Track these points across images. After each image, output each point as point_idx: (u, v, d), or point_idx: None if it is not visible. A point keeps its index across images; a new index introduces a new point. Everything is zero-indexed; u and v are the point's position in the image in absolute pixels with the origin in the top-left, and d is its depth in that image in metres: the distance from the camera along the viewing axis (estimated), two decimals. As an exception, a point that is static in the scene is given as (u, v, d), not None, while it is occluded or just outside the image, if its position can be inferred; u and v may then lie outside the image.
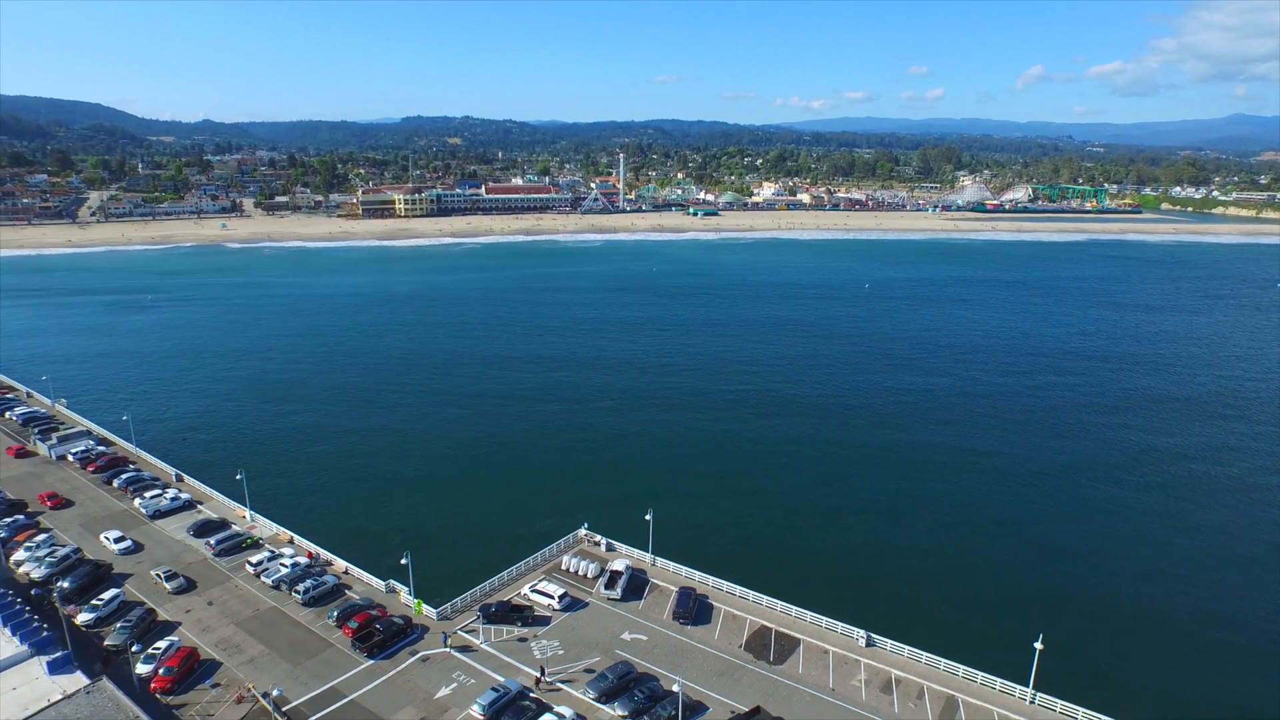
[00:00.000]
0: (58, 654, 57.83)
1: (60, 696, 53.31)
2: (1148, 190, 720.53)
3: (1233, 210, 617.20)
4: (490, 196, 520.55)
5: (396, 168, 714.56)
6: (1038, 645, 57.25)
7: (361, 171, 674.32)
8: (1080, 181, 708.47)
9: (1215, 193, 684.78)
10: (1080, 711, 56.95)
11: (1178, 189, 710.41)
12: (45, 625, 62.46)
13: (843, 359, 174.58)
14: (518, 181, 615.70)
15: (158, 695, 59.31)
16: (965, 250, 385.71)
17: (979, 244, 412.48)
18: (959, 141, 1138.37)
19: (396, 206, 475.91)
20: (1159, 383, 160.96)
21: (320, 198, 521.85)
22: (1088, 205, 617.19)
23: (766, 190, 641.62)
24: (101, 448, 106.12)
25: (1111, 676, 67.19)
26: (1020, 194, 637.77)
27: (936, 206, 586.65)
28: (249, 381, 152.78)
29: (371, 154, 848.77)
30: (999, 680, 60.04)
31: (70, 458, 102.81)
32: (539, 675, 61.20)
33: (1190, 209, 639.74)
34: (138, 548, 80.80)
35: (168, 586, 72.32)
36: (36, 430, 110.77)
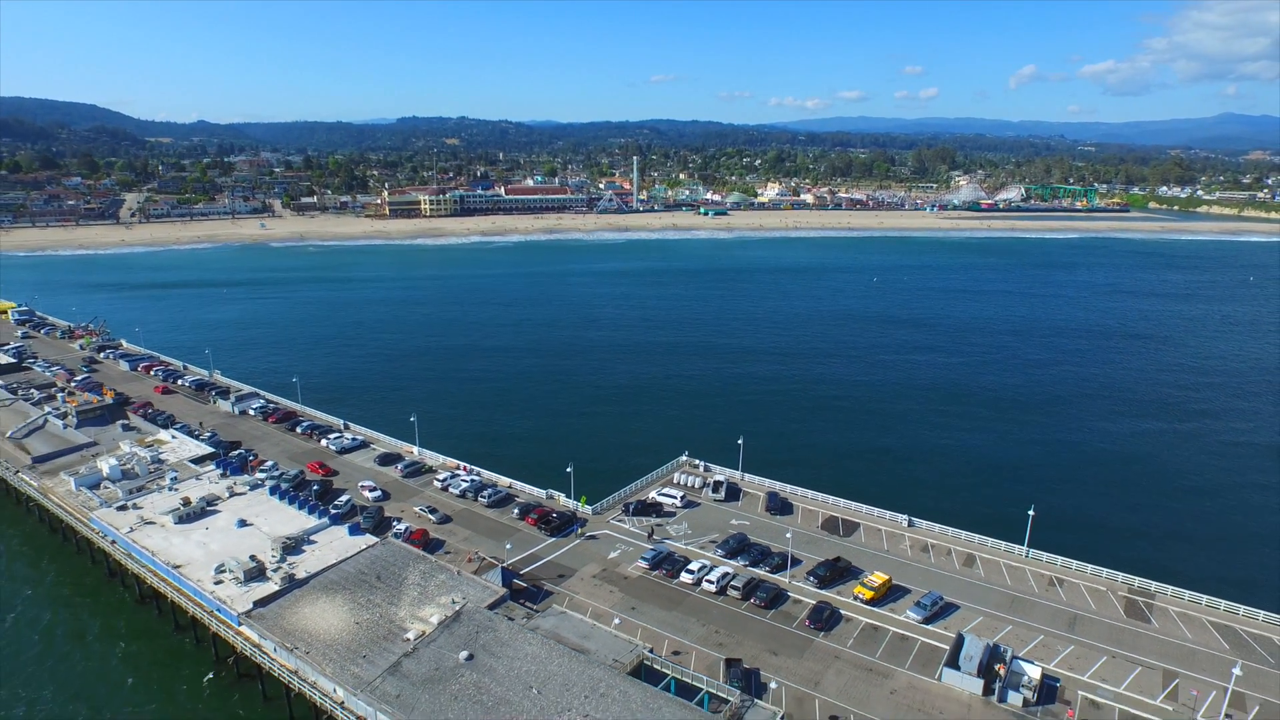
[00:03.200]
0: (350, 523, 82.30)
1: (365, 546, 77.82)
2: (1136, 189, 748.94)
3: (1216, 209, 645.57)
4: (510, 197, 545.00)
5: (408, 169, 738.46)
6: (1030, 513, 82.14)
7: (375, 173, 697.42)
8: (1071, 181, 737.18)
9: (1200, 192, 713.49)
10: (1060, 560, 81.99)
11: (1165, 188, 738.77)
12: (328, 508, 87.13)
13: (864, 328, 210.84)
14: (528, 183, 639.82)
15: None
16: (963, 246, 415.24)
17: (975, 240, 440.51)
18: (953, 141, 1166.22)
19: (422, 207, 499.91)
20: (1134, 346, 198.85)
21: (346, 198, 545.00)
22: (1078, 204, 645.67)
23: (771, 190, 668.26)
24: (273, 405, 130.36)
25: (1085, 532, 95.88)
26: (1013, 194, 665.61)
27: (933, 206, 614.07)
28: (374, 351, 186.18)
29: (371, 154, 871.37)
30: (1003, 542, 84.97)
31: (251, 412, 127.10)
32: (649, 534, 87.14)
33: (1176, 207, 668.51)
34: (386, 495, 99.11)
35: (431, 518, 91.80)
36: (213, 392, 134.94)
